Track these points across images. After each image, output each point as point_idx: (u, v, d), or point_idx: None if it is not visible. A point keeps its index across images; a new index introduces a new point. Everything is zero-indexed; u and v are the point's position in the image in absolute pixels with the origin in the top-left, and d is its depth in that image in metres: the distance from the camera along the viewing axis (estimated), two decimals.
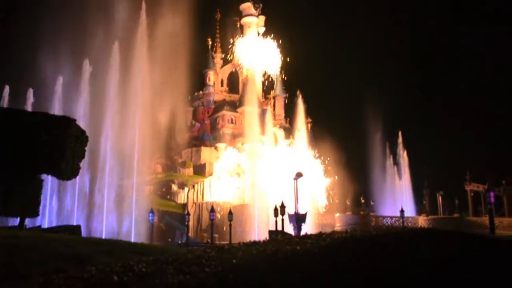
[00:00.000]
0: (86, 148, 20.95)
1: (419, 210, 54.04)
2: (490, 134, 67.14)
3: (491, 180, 34.71)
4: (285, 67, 63.63)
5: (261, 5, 64.08)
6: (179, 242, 40.20)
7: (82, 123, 27.12)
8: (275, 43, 63.09)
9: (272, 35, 63.87)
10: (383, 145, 56.12)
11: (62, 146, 18.76)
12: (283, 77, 64.22)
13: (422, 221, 45.22)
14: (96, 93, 40.99)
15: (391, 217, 47.35)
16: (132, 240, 35.15)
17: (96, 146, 36.57)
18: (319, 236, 6.66)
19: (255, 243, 6.55)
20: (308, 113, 59.30)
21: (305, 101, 55.47)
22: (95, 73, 41.34)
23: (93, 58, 41.57)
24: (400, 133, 55.18)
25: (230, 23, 66.67)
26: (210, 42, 66.73)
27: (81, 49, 41.80)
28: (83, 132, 20.82)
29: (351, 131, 64.21)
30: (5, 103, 40.92)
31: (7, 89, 41.99)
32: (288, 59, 63.07)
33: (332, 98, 75.13)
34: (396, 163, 54.96)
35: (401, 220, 45.78)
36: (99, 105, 40.40)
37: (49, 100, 40.58)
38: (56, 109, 38.95)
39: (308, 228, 39.03)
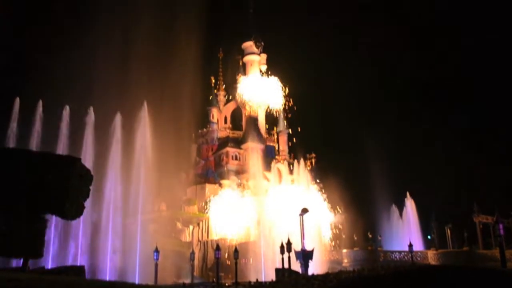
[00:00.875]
0: (91, 187, 20.92)
1: (429, 243, 53.20)
2: (496, 164, 66.65)
3: (499, 211, 34.26)
4: (287, 103, 64.23)
5: (262, 43, 65.30)
6: (184, 282, 39.48)
7: (87, 162, 27.20)
8: (277, 80, 63.89)
9: (274, 72, 64.90)
10: (389, 184, 55.94)
11: (66, 186, 18.73)
12: (286, 113, 64.70)
13: (431, 255, 44.37)
14: (101, 134, 41.38)
15: (400, 252, 46.51)
16: (137, 280, 34.63)
17: (100, 185, 36.54)
18: (326, 277, 6.55)
19: (261, 285, 6.43)
20: (312, 148, 59.54)
21: (308, 136, 55.81)
22: (101, 116, 41.88)
23: (99, 99, 42.25)
24: (408, 194, 54.69)
25: (232, 61, 67.90)
26: (213, 80, 67.74)
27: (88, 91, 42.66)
28: (87, 171, 20.82)
29: (356, 164, 64.12)
30: (16, 114, 40.89)
31: (17, 101, 41.99)
32: (290, 95, 63.80)
33: (335, 132, 75.25)
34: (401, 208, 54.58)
35: (410, 255, 44.91)
36: (104, 145, 40.68)
37: (57, 116, 40.70)
38: (62, 141, 39.25)
39: (315, 265, 38.37)
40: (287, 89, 63.69)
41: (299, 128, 62.91)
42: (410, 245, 45.89)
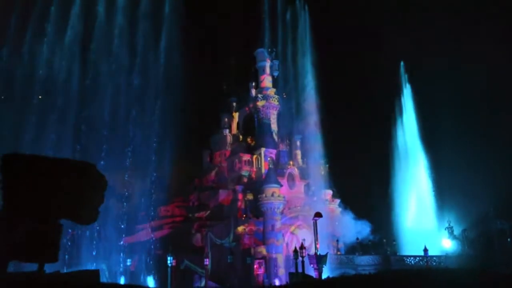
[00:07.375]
0: (105, 192, 21.18)
1: (445, 248, 52.49)
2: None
3: None
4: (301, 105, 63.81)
5: (275, 50, 65.43)
6: (198, 286, 39.61)
7: (101, 168, 27.48)
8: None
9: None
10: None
11: (81, 191, 18.97)
12: (299, 116, 64.40)
13: (447, 260, 43.91)
14: (116, 140, 41.87)
15: (415, 257, 46.06)
16: (152, 284, 34.84)
17: (114, 190, 36.92)
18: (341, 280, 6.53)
19: None
20: (325, 151, 59.06)
21: (323, 140, 55.46)
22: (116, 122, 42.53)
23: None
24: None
25: (245, 67, 68.07)
26: (225, 86, 67.98)
27: None
28: (102, 177, 21.06)
29: (370, 166, 63.43)
30: None
31: None
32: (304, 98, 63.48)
33: (350, 135, 73.98)
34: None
35: (425, 260, 44.46)
36: (119, 151, 41.12)
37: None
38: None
39: (329, 270, 38.19)
40: (299, 92, 63.48)
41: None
42: (426, 250, 45.42)
